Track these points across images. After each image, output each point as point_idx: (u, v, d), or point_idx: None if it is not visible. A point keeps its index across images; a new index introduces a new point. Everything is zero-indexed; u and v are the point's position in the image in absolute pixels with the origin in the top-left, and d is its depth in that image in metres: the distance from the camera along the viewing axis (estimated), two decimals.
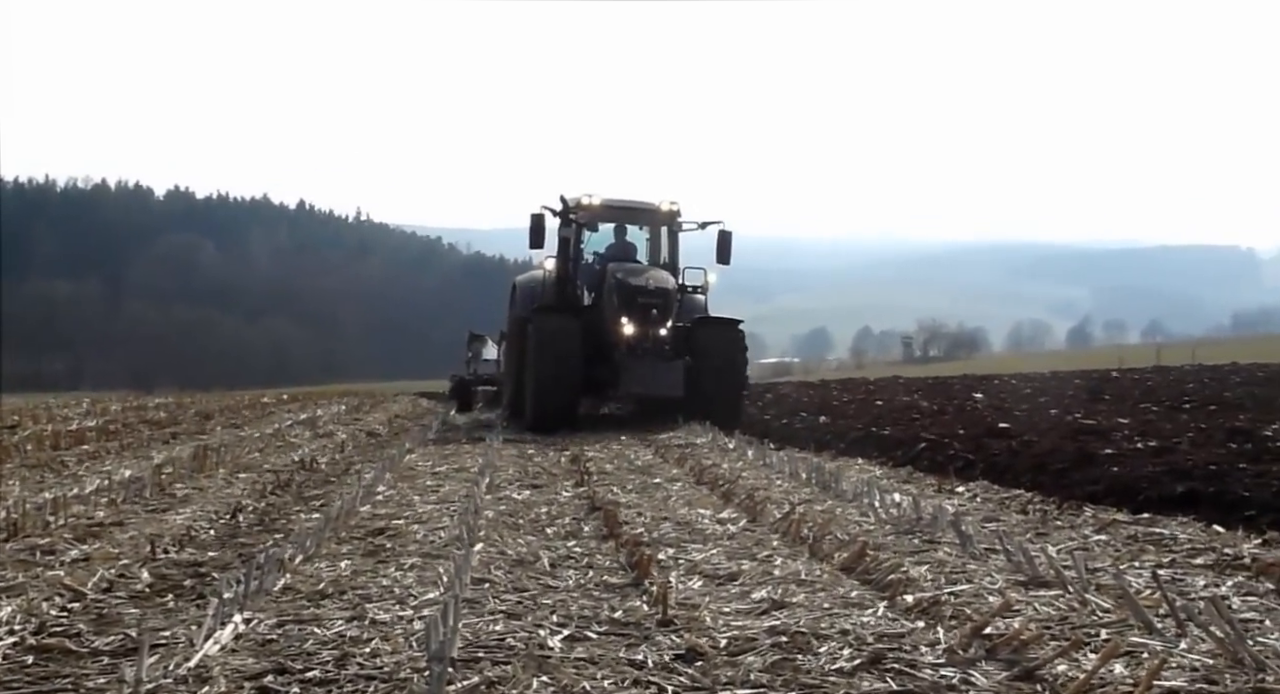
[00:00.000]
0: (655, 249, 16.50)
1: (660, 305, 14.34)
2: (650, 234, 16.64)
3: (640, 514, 6.50)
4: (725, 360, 14.21)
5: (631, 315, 14.28)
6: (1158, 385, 19.80)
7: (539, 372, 13.84)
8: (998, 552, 4.80)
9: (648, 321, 14.26)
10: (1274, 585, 4.10)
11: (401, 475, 8.65)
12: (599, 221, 15.99)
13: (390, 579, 4.50)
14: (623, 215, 16.10)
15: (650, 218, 16.16)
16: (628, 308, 14.29)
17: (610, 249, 16.03)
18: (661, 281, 14.59)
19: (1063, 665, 3.07)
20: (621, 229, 16.21)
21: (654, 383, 13.99)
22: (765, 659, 3.24)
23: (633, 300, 14.28)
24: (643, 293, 14.35)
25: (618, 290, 14.39)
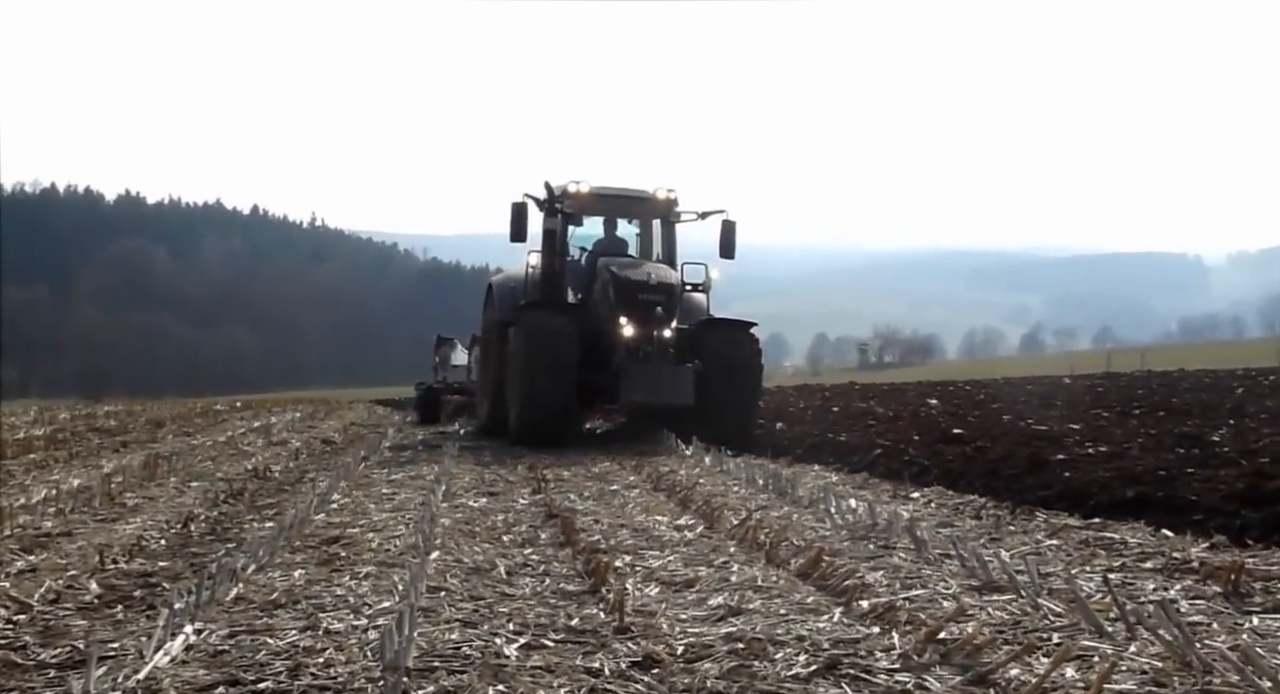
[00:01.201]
0: (647, 243, 14.91)
1: (664, 303, 12.65)
2: (641, 227, 15.01)
3: (597, 521, 6.49)
4: (738, 367, 12.67)
5: (631, 314, 12.57)
6: (1108, 391, 20.06)
7: (527, 378, 12.23)
8: (952, 557, 4.84)
9: (650, 321, 12.52)
10: (1221, 589, 4.16)
11: (356, 483, 8.58)
12: (587, 213, 14.35)
13: (345, 588, 4.46)
14: (613, 205, 14.40)
15: (644, 208, 14.51)
16: (627, 306, 12.61)
17: (598, 244, 14.38)
18: (664, 276, 13.00)
19: (1015, 670, 3.10)
20: (611, 222, 14.55)
21: (660, 390, 12.31)
22: (722, 666, 3.24)
23: (632, 297, 12.61)
24: (644, 288, 12.65)
25: (615, 286, 12.75)
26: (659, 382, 12.31)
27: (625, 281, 12.73)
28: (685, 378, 12.29)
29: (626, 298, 12.64)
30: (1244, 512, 5.65)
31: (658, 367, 12.40)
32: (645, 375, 12.29)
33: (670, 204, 14.28)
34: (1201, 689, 2.89)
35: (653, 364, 12.40)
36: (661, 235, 14.68)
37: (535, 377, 12.16)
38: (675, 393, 12.24)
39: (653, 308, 12.56)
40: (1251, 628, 3.59)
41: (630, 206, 14.50)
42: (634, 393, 12.34)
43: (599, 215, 14.45)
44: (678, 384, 12.26)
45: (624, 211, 14.58)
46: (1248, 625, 3.63)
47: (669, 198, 14.18)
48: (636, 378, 12.26)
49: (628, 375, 12.25)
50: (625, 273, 12.88)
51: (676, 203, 14.29)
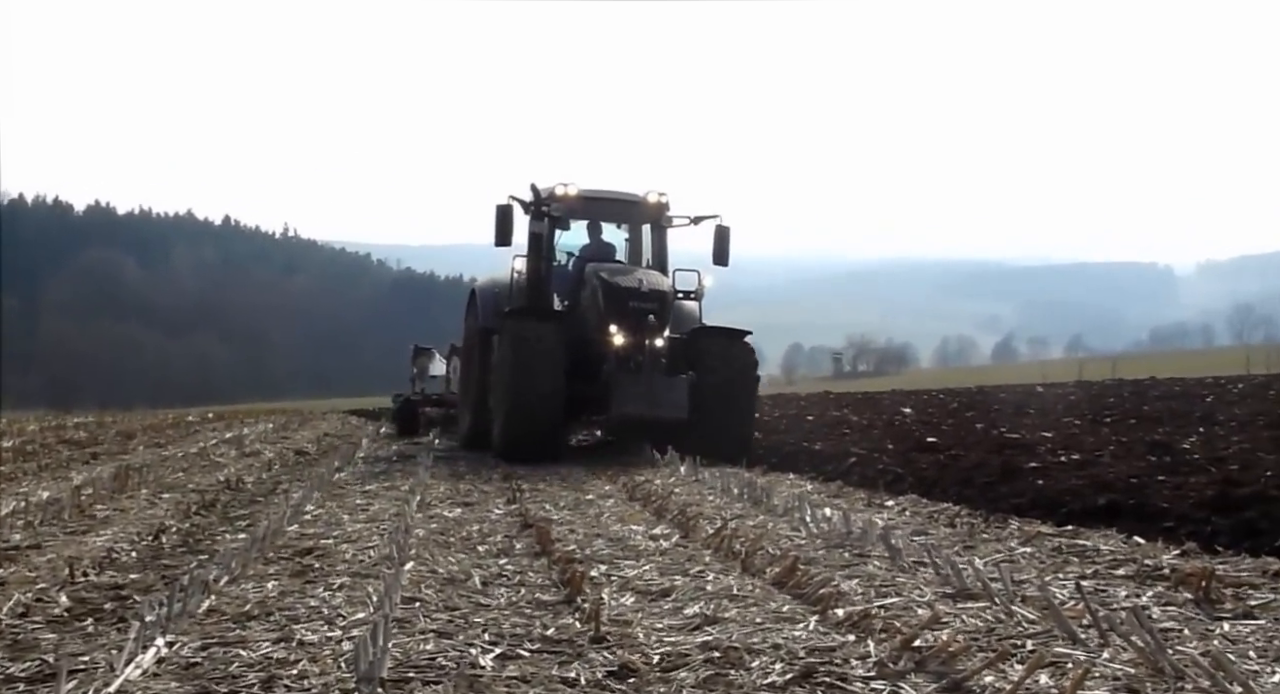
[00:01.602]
0: (636, 249, 14.21)
1: (656, 311, 12.02)
2: (631, 232, 14.37)
3: (572, 531, 6.48)
4: (734, 378, 11.99)
5: (622, 323, 11.94)
6: (1080, 400, 20.20)
7: (514, 388, 11.55)
8: (926, 565, 4.86)
9: (642, 330, 11.86)
10: (1192, 595, 4.19)
11: (330, 494, 8.53)
12: (575, 216, 13.60)
13: (318, 599, 4.44)
14: (602, 209, 13.75)
15: (635, 212, 13.85)
16: (617, 314, 11.99)
17: (586, 250, 13.76)
18: (656, 283, 12.37)
19: (990, 677, 3.11)
20: (597, 227, 13.92)
21: (653, 402, 11.55)
22: (698, 675, 3.24)
23: (623, 304, 12.00)
24: (635, 295, 12.03)
25: (604, 293, 12.15)
26: (652, 393, 11.61)
27: (615, 288, 12.12)
28: (679, 390, 11.61)
29: (616, 305, 12.03)
30: (1214, 519, 5.70)
31: (650, 378, 11.72)
32: (637, 387, 11.59)
33: (662, 208, 13.61)
34: None
35: (645, 375, 11.71)
36: (652, 241, 14.00)
37: (521, 387, 11.50)
38: (669, 405, 11.54)
39: (644, 316, 11.91)
40: (1222, 634, 3.63)
41: (620, 210, 13.93)
42: (625, 405, 11.61)
43: (586, 219, 13.84)
44: (671, 396, 11.58)
45: (613, 216, 14.02)
46: (1218, 631, 3.66)
47: (660, 202, 13.53)
48: (628, 389, 11.57)
49: (618, 387, 11.57)
50: (615, 279, 12.27)
51: (668, 207, 13.64)
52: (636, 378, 11.66)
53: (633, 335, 11.89)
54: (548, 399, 11.58)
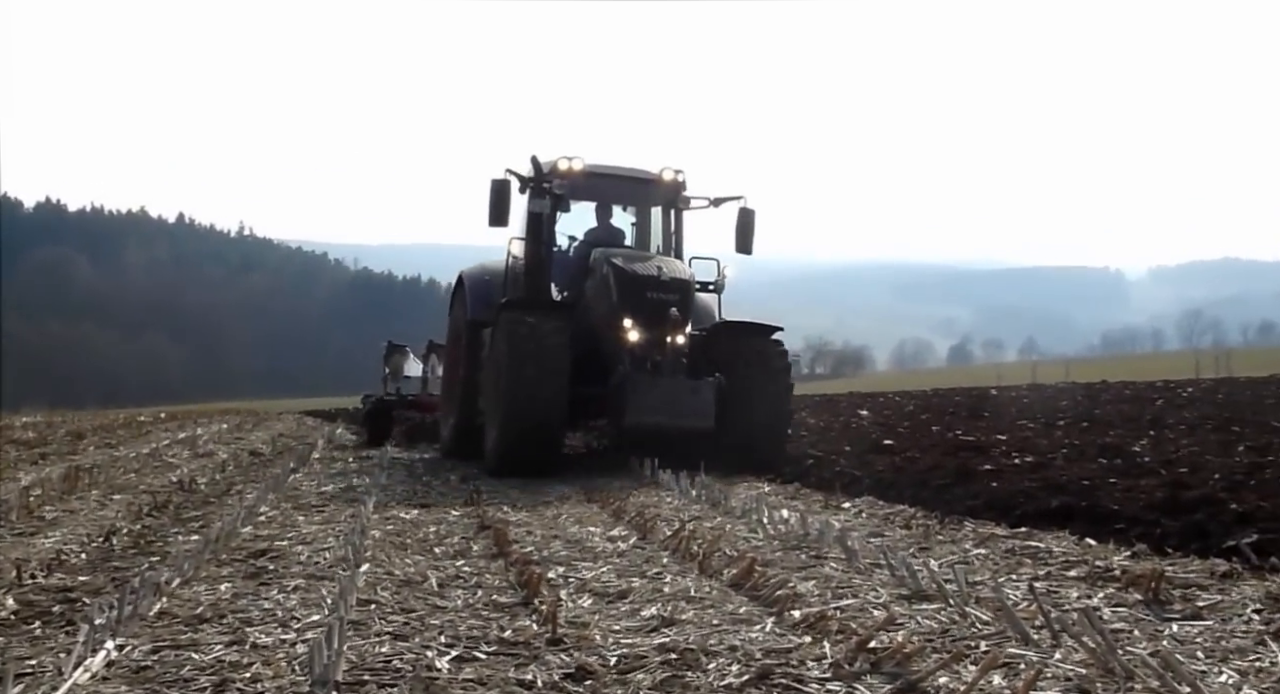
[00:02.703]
0: (644, 235, 12.53)
1: (679, 303, 10.51)
2: (638, 216, 12.70)
3: (530, 532, 6.46)
4: (765, 381, 10.49)
5: (638, 316, 10.38)
6: (1034, 403, 20.43)
7: (511, 390, 9.95)
8: (882, 566, 4.89)
9: (661, 324, 10.33)
10: (1142, 596, 4.25)
11: (285, 496, 8.46)
12: (579, 196, 12.01)
13: (273, 602, 4.39)
14: (611, 187, 12.13)
15: (647, 191, 12.16)
16: (632, 306, 10.44)
17: (590, 234, 12.13)
18: (677, 271, 10.88)
19: (944, 677, 3.14)
20: (605, 209, 12.27)
21: (674, 410, 9.90)
22: (655, 677, 3.24)
23: (639, 295, 10.46)
24: (653, 285, 10.50)
25: (617, 281, 10.59)
26: (675, 399, 9.95)
27: (630, 276, 10.56)
28: (705, 395, 9.98)
29: (632, 296, 10.48)
30: (1164, 520, 5.78)
31: (672, 381, 10.11)
32: (657, 391, 9.94)
33: (678, 187, 11.94)
34: None
35: (665, 377, 10.12)
36: (664, 225, 12.36)
37: (520, 389, 9.90)
38: (693, 413, 9.90)
39: (664, 308, 10.37)
40: (1171, 634, 3.68)
41: (630, 190, 12.23)
42: (642, 413, 9.88)
43: (592, 200, 12.21)
44: (696, 403, 9.95)
45: (622, 195, 12.38)
46: (1168, 632, 3.71)
47: (676, 180, 11.86)
48: (646, 394, 9.89)
49: (634, 391, 9.88)
50: (631, 266, 10.70)
51: (684, 186, 11.96)
52: (655, 381, 10.04)
53: (650, 331, 10.35)
54: (551, 403, 9.97)
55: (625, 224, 12.55)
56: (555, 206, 11.66)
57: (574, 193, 11.77)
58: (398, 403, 16.74)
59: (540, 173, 11.51)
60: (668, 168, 11.81)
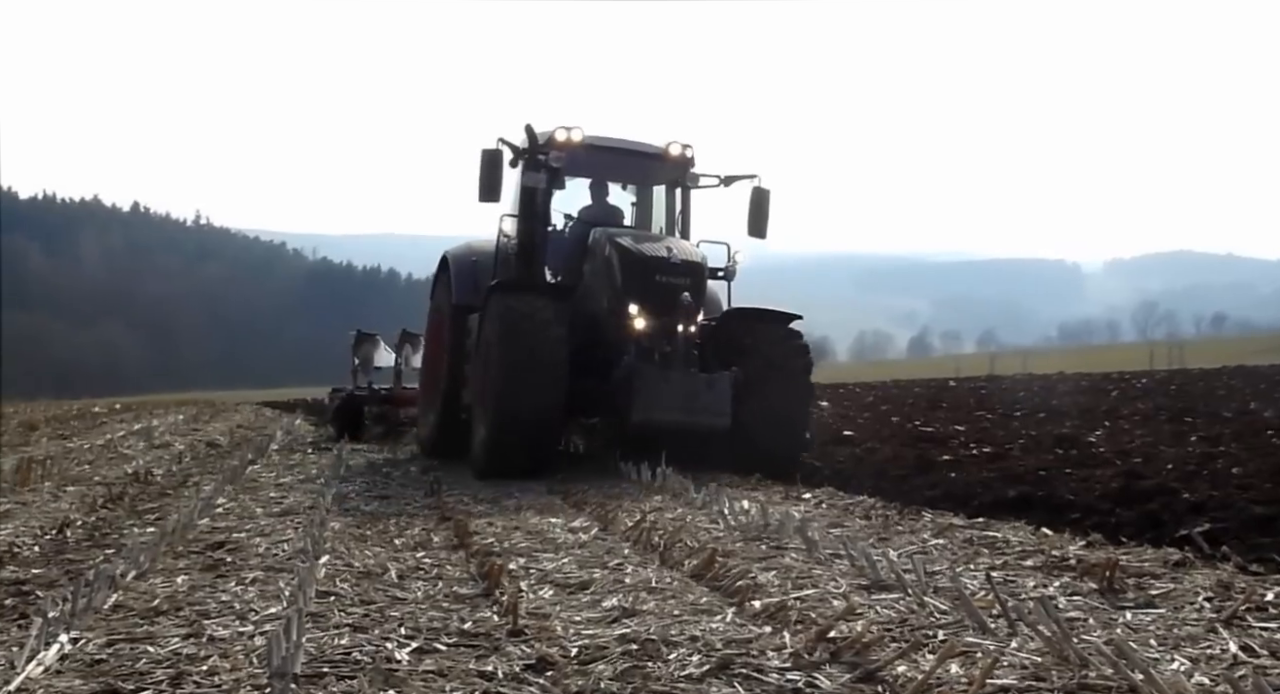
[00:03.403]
0: (645, 216, 11.56)
1: (691, 287, 9.54)
2: (639, 194, 11.70)
3: (491, 524, 6.45)
4: (784, 374, 9.59)
5: (645, 302, 9.40)
6: (991, 394, 20.64)
7: (504, 382, 8.96)
8: (842, 557, 4.92)
9: (672, 311, 9.35)
10: (1097, 585, 4.30)
11: (243, 487, 8.38)
12: (576, 171, 10.96)
13: (230, 594, 4.35)
14: (612, 162, 11.08)
15: (652, 167, 11.17)
16: (639, 290, 9.47)
17: (586, 213, 11.11)
18: (687, 252, 9.94)
19: (903, 666, 3.16)
20: (600, 186, 11.26)
21: (690, 406, 8.98)
22: (615, 667, 3.24)
23: (647, 279, 9.49)
24: (663, 267, 9.56)
25: (622, 263, 9.63)
26: (688, 395, 9.00)
27: (637, 257, 9.60)
28: (721, 390, 9.08)
29: (638, 279, 9.51)
30: (1118, 510, 5.87)
31: (685, 374, 9.17)
32: (668, 385, 8.99)
33: (685, 164, 10.95)
34: (1078, 683, 2.99)
35: (677, 370, 9.18)
36: (668, 204, 11.40)
37: (514, 381, 8.91)
38: (708, 410, 9.00)
39: (675, 294, 9.37)
40: (1125, 623, 3.73)
41: (634, 164, 11.21)
42: (652, 410, 8.94)
43: (592, 175, 11.19)
44: (711, 398, 9.03)
45: (625, 171, 11.39)
46: (1121, 620, 3.76)
47: (685, 155, 10.87)
48: (656, 389, 8.95)
49: (644, 385, 8.93)
50: (638, 246, 9.75)
51: (693, 163, 10.98)
52: (666, 374, 9.09)
53: (658, 318, 9.38)
54: (548, 397, 8.98)
55: (624, 203, 11.56)
56: (552, 181, 10.64)
57: (572, 167, 10.71)
58: (369, 397, 15.52)
59: (536, 143, 10.46)
60: (675, 141, 10.80)
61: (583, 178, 11.16)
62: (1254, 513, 5.32)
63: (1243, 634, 3.49)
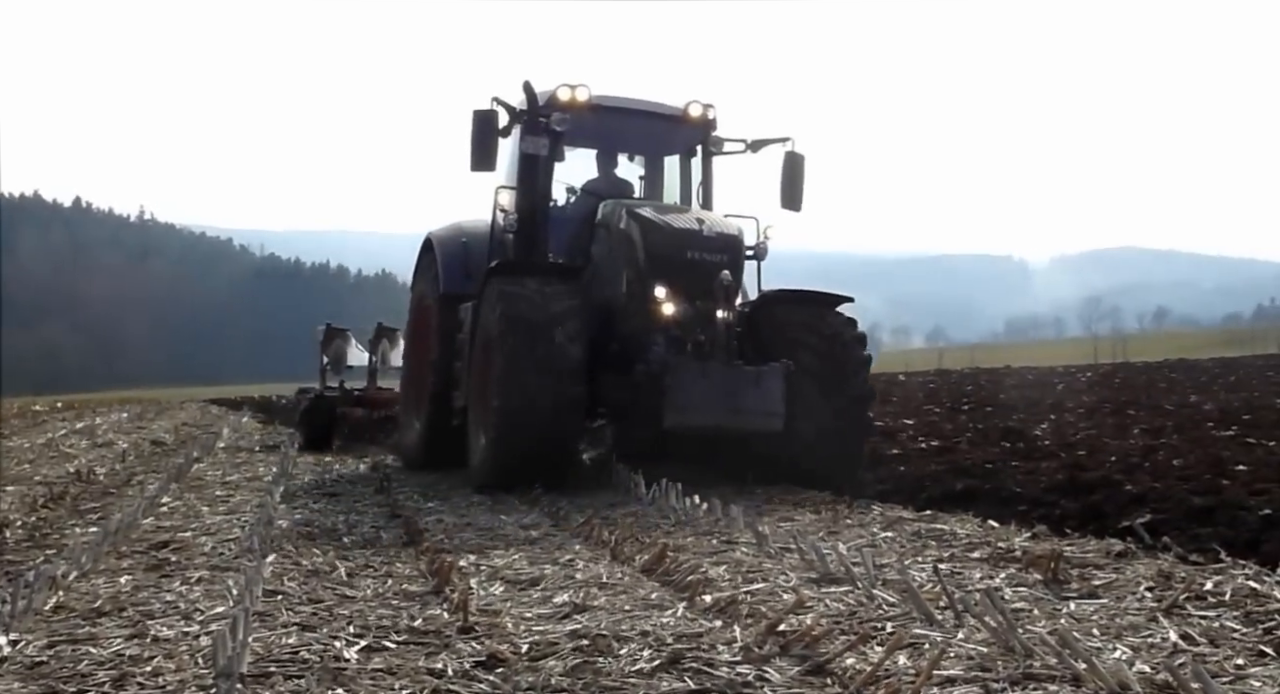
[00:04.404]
0: (655, 188, 10.02)
1: (730, 263, 8.14)
2: (648, 165, 10.12)
3: (441, 520, 6.42)
4: (834, 368, 8.08)
5: (675, 283, 7.97)
6: (940, 388, 20.85)
7: (510, 381, 7.61)
8: (792, 550, 4.95)
9: (708, 294, 7.86)
10: (1042, 576, 4.36)
11: (189, 485, 8.28)
12: (579, 139, 9.45)
13: (175, 594, 4.30)
14: (624, 125, 9.55)
15: (668, 132, 9.67)
16: (667, 271, 8.05)
17: (591, 186, 9.69)
18: (721, 225, 8.50)
19: (851, 659, 3.19)
20: (608, 157, 9.82)
21: (732, 406, 7.48)
22: (566, 663, 3.24)
23: (676, 257, 8.09)
24: (695, 242, 8.15)
25: (646, 239, 8.20)
26: (733, 392, 7.49)
27: (664, 232, 8.21)
28: (772, 386, 7.55)
29: (665, 258, 8.11)
30: (1063, 502, 5.97)
31: (728, 368, 7.60)
32: (708, 382, 7.48)
33: (707, 126, 9.51)
34: (1023, 673, 3.03)
35: (718, 364, 7.62)
36: (683, 175, 9.97)
37: (522, 381, 7.56)
38: (759, 410, 7.51)
39: (710, 273, 7.92)
40: (1069, 613, 3.79)
41: (648, 128, 9.63)
42: (689, 412, 7.47)
43: (595, 143, 9.73)
44: (762, 396, 7.52)
45: (637, 135, 9.81)
46: (1065, 611, 3.82)
47: (706, 117, 9.44)
48: (693, 386, 7.47)
49: (678, 382, 7.47)
50: (664, 218, 8.35)
51: (715, 125, 9.54)
52: (705, 368, 7.58)
53: (690, 303, 7.92)
54: (564, 398, 7.62)
55: (631, 176, 10.04)
56: (555, 146, 9.15)
57: (577, 132, 9.14)
58: (341, 398, 13.70)
59: (535, 104, 8.95)
60: (695, 101, 9.39)
61: (586, 148, 9.75)
62: (1194, 504, 5.43)
63: (1182, 623, 3.56)
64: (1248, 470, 6.32)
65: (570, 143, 9.38)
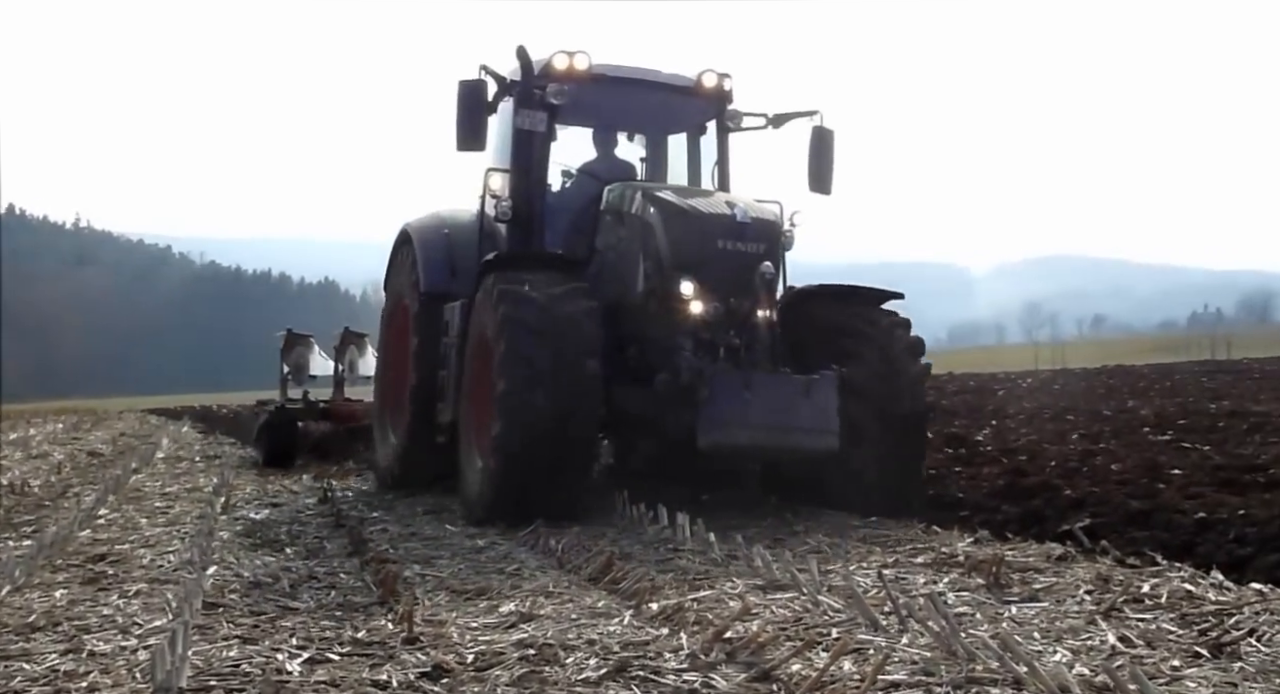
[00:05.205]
0: (658, 171, 8.84)
1: (768, 254, 7.03)
2: (650, 145, 8.95)
3: (386, 530, 6.36)
4: (895, 380, 6.96)
5: (705, 278, 6.85)
6: None
7: (514, 395, 6.43)
8: (739, 558, 4.97)
9: (745, 290, 6.83)
10: (984, 580, 4.42)
11: (127, 497, 8.14)
12: (581, 112, 8.19)
13: (112, 608, 4.22)
14: (629, 97, 8.35)
15: (677, 106, 8.51)
16: (696, 263, 6.92)
17: (592, 167, 8.47)
18: (757, 209, 7.30)
19: (797, 665, 3.20)
20: (606, 135, 8.58)
21: (780, 422, 6.33)
22: (513, 673, 3.22)
23: (706, 246, 6.96)
24: (727, 229, 7.00)
25: (668, 226, 7.07)
26: (781, 407, 6.34)
27: (690, 218, 7.07)
28: (824, 397, 6.42)
29: (693, 248, 6.97)
30: (1004, 507, 6.05)
31: (774, 377, 6.55)
32: (751, 394, 6.32)
33: (723, 99, 8.36)
34: (966, 677, 3.06)
35: (761, 373, 6.55)
36: (690, 154, 8.83)
37: (527, 395, 6.40)
38: (811, 426, 6.38)
39: (745, 266, 6.86)
40: (1011, 617, 3.84)
41: (657, 101, 8.41)
42: (729, 429, 6.33)
43: (595, 119, 8.51)
44: (813, 410, 6.38)
45: (644, 110, 8.57)
46: (1007, 614, 3.87)
47: (721, 87, 8.30)
48: (733, 399, 6.31)
49: (717, 394, 6.31)
50: (689, 202, 7.23)
51: (731, 97, 8.40)
52: (747, 377, 6.45)
53: (722, 301, 6.82)
54: (578, 414, 6.50)
55: (630, 158, 8.84)
56: (553, 121, 7.96)
57: (574, 106, 7.90)
58: (305, 411, 12.47)
59: (530, 72, 7.82)
60: (709, 70, 8.26)
61: (580, 125, 8.54)
62: (1131, 508, 5.53)
63: (1120, 625, 3.62)
64: (1183, 475, 6.45)
65: (562, 120, 8.14)
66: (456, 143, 7.65)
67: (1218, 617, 3.65)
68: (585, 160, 8.57)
